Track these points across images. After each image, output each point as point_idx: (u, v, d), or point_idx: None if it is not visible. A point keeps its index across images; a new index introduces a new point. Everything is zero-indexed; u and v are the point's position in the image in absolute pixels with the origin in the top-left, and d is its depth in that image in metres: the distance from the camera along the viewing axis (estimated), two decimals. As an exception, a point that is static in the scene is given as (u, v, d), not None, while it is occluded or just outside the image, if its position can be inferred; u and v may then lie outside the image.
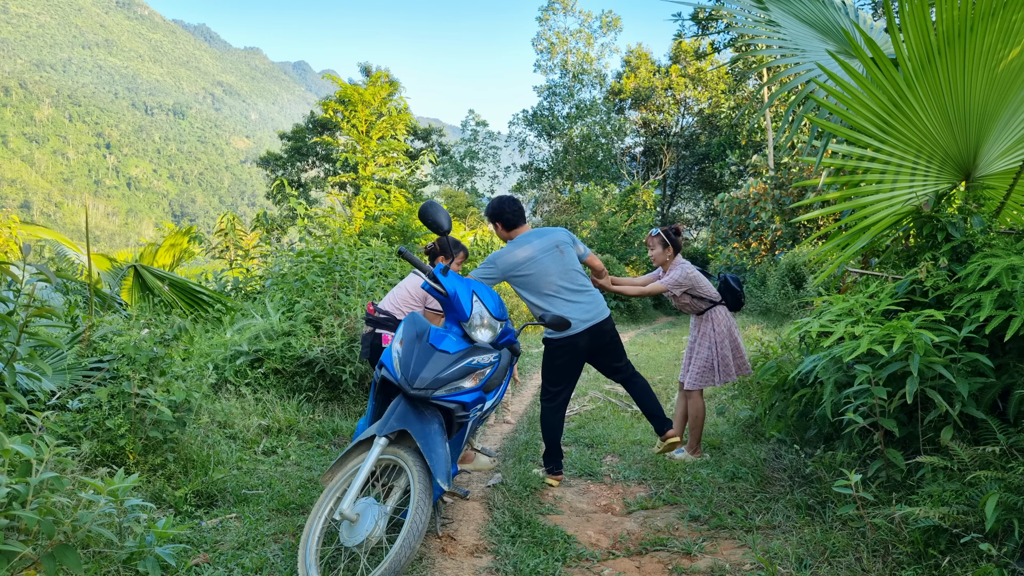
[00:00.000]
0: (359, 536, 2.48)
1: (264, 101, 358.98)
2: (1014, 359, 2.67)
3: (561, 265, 3.82)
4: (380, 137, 16.93)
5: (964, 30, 2.88)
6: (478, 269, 3.83)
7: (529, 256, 3.81)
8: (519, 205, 3.98)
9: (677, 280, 4.29)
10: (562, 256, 3.85)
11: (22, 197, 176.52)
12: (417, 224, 12.25)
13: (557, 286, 3.80)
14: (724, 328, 4.32)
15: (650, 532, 3.19)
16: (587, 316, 3.80)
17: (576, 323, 3.76)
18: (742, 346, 4.38)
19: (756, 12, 4.17)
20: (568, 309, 3.77)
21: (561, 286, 3.81)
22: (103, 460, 3.17)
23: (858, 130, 3.22)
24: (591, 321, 3.80)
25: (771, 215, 17.39)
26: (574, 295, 3.82)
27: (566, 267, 3.84)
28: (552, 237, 3.90)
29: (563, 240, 3.92)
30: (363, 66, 29.96)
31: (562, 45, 34.07)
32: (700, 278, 4.36)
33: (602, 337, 3.86)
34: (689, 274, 4.31)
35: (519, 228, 3.96)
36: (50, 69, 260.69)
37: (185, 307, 5.74)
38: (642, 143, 33.84)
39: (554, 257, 3.83)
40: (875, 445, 2.75)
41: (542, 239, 3.87)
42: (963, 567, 2.22)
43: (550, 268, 3.80)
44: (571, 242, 3.96)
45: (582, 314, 3.79)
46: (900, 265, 3.40)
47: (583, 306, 3.81)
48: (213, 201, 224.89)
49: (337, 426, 4.79)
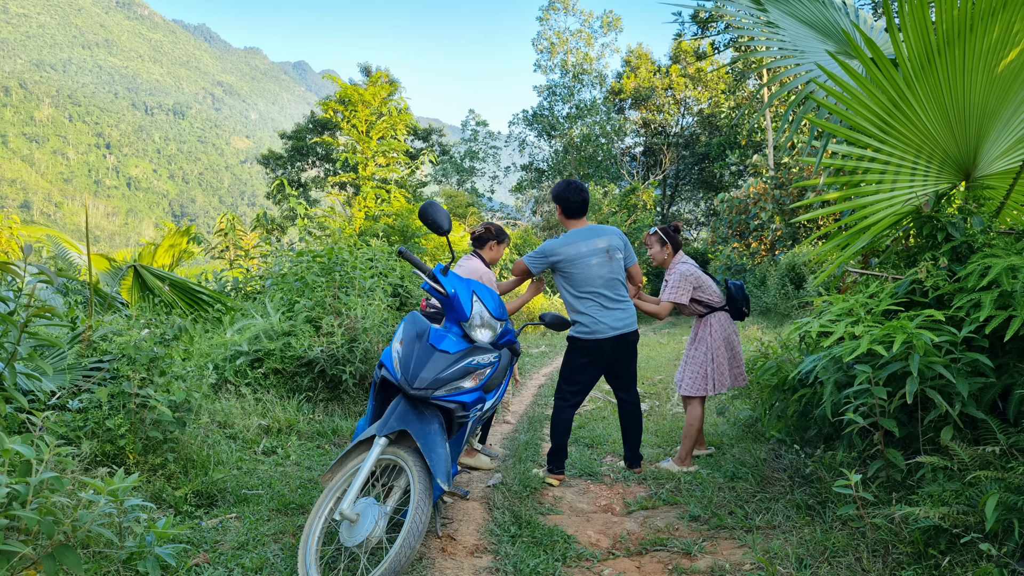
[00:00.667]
0: (359, 536, 2.48)
1: (264, 101, 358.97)
2: (1014, 359, 2.67)
3: (607, 271, 3.85)
4: (380, 137, 16.93)
5: (964, 30, 2.88)
6: (529, 255, 3.95)
7: (578, 255, 3.84)
8: (584, 196, 3.94)
9: (676, 286, 4.16)
10: (610, 263, 3.87)
11: (22, 197, 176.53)
12: (417, 224, 12.25)
13: (596, 291, 3.85)
14: (721, 335, 4.20)
15: (650, 532, 3.19)
16: (618, 325, 3.85)
17: (606, 329, 3.82)
18: (740, 355, 4.28)
19: (755, 13, 4.17)
20: (601, 314, 3.83)
21: (600, 292, 3.85)
22: (103, 460, 3.17)
23: (858, 130, 3.22)
24: (620, 330, 3.85)
25: (771, 215, 17.39)
26: (610, 303, 3.86)
27: (611, 275, 3.86)
28: (606, 240, 3.89)
29: (616, 245, 3.92)
30: (363, 66, 29.96)
31: (562, 45, 34.07)
32: (703, 278, 4.25)
33: (625, 348, 3.91)
34: (688, 274, 4.18)
35: (578, 220, 3.96)
36: (50, 69, 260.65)
37: (185, 307, 5.74)
38: (642, 143, 33.84)
39: (602, 262, 3.85)
40: (875, 445, 2.75)
41: (596, 239, 3.88)
42: (963, 567, 2.22)
43: (595, 272, 3.84)
44: (622, 247, 3.96)
45: (614, 321, 3.84)
46: (900, 265, 3.40)
47: (616, 314, 3.86)
48: (213, 201, 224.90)
49: (337, 426, 4.79)
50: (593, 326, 3.85)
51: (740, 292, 4.33)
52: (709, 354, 4.20)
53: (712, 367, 4.19)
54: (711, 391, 4.18)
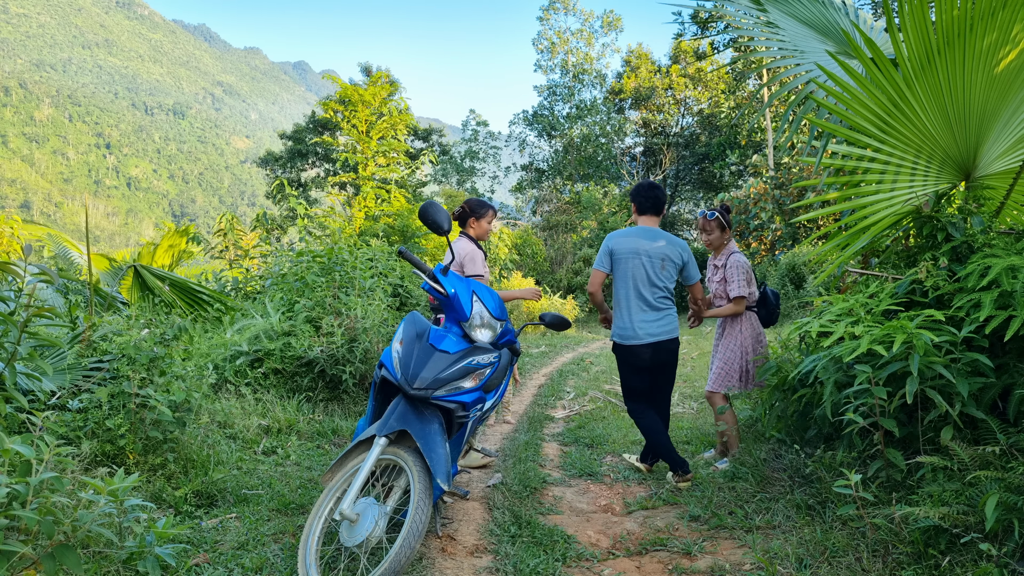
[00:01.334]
0: (359, 536, 2.48)
1: (264, 101, 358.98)
2: (1014, 359, 2.67)
3: (652, 277, 3.80)
4: (380, 137, 16.92)
5: (964, 30, 2.88)
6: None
7: (629, 251, 3.80)
8: (655, 194, 3.90)
9: (743, 279, 4.08)
10: (660, 271, 3.81)
11: (22, 197, 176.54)
12: (417, 224, 12.24)
13: (634, 294, 3.80)
14: (752, 333, 4.16)
15: (650, 532, 3.19)
16: (654, 331, 3.80)
17: (642, 335, 3.78)
18: None
19: (755, 13, 4.17)
20: (634, 318, 3.80)
21: (639, 295, 3.80)
22: (103, 460, 3.17)
23: (858, 130, 3.22)
24: (657, 337, 3.80)
25: (771, 215, 17.39)
26: (647, 309, 3.81)
27: (655, 282, 3.81)
28: (663, 250, 3.83)
29: (672, 257, 3.84)
30: (363, 66, 29.97)
31: (563, 45, 34.06)
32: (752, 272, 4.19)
33: (663, 355, 3.86)
34: (747, 266, 4.13)
35: (646, 217, 3.93)
36: (50, 69, 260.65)
37: (185, 307, 5.74)
38: (642, 143, 33.82)
39: (652, 267, 3.79)
40: (875, 445, 2.75)
41: (653, 244, 3.82)
42: (963, 567, 2.22)
43: (638, 275, 3.79)
44: (680, 264, 3.88)
45: (649, 327, 3.80)
46: (900, 265, 3.40)
47: (652, 323, 3.80)
48: (213, 201, 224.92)
49: (337, 426, 4.79)
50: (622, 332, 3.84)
51: (776, 299, 4.30)
52: (738, 351, 4.15)
53: (742, 364, 4.15)
54: (738, 388, 4.15)
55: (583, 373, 8.38)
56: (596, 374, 8.30)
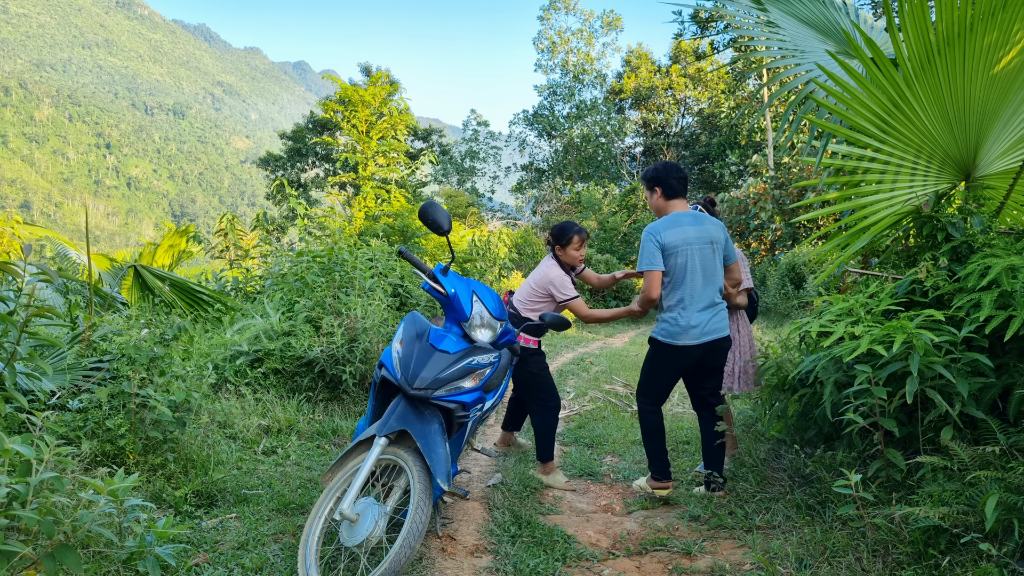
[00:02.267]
0: (359, 536, 2.48)
1: (264, 101, 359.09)
2: (1014, 359, 2.67)
3: (711, 268, 3.44)
4: (380, 137, 16.92)
5: (964, 30, 2.88)
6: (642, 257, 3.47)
7: (681, 241, 3.40)
8: (683, 175, 3.55)
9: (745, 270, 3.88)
10: (714, 258, 3.45)
11: (22, 197, 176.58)
12: (417, 224, 12.24)
13: (694, 289, 3.41)
14: (747, 332, 4.02)
15: (650, 532, 3.19)
16: (710, 329, 3.43)
17: (697, 334, 3.40)
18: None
19: (755, 13, 4.17)
20: (693, 317, 3.40)
21: (699, 291, 3.41)
22: (103, 460, 3.17)
23: (858, 130, 3.22)
24: (713, 335, 3.44)
25: (771, 215, 17.39)
26: (706, 306, 3.43)
27: (713, 272, 3.45)
28: (708, 230, 3.45)
29: (718, 238, 3.47)
30: (363, 66, 29.99)
31: (563, 44, 34.08)
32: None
33: (716, 357, 3.54)
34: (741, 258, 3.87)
35: (678, 201, 3.55)
36: (50, 69, 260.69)
37: (185, 307, 5.74)
38: (642, 143, 33.84)
39: (707, 256, 3.42)
40: (875, 445, 2.75)
41: (699, 228, 3.44)
42: (963, 567, 2.22)
43: (697, 267, 3.41)
44: (724, 242, 3.52)
45: (706, 325, 3.41)
46: (900, 265, 3.40)
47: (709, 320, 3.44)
48: (213, 201, 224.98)
49: (337, 426, 4.79)
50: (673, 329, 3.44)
51: (756, 297, 4.20)
52: (736, 351, 4.01)
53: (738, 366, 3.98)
54: (737, 388, 4.02)
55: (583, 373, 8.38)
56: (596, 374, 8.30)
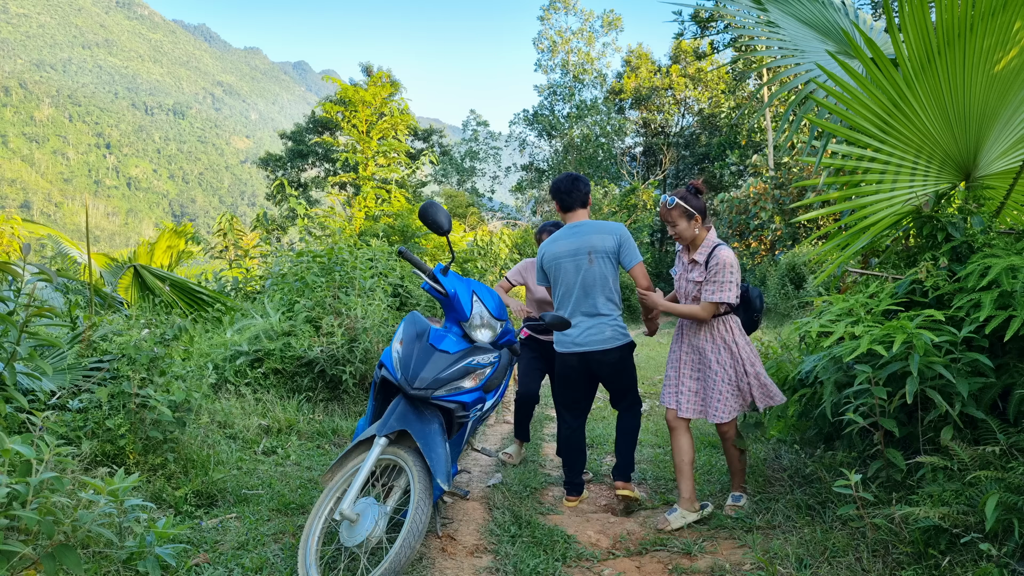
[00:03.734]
0: (359, 536, 2.48)
1: (264, 101, 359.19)
2: (1014, 359, 2.67)
3: (589, 279, 3.39)
4: (380, 137, 16.93)
5: (964, 30, 2.88)
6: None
7: (552, 257, 3.46)
8: (577, 186, 3.49)
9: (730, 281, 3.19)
10: (592, 267, 3.37)
11: (22, 197, 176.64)
12: (417, 224, 12.24)
13: (570, 300, 3.44)
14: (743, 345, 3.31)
15: (650, 532, 3.19)
16: (585, 340, 3.41)
17: (569, 344, 3.44)
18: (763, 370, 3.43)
19: (755, 13, 4.17)
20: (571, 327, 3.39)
21: (576, 302, 3.42)
22: (103, 460, 3.17)
23: (858, 130, 3.22)
24: (589, 346, 3.41)
25: (771, 215, 17.40)
26: (584, 316, 3.41)
27: (592, 282, 3.39)
28: (587, 240, 3.40)
29: (600, 246, 3.38)
30: (364, 65, 29.98)
31: (564, 44, 34.08)
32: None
33: (600, 368, 3.46)
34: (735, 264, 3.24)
35: (573, 213, 3.53)
36: (50, 69, 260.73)
37: (185, 307, 5.74)
38: (642, 143, 33.85)
39: (582, 266, 3.39)
40: (875, 445, 2.75)
41: (575, 240, 3.43)
42: (963, 567, 2.22)
43: (571, 279, 3.43)
44: (616, 248, 3.40)
45: (580, 336, 3.42)
46: (900, 265, 3.40)
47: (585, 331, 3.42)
48: (213, 201, 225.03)
49: (337, 426, 4.79)
50: (558, 335, 3.50)
51: (760, 300, 3.51)
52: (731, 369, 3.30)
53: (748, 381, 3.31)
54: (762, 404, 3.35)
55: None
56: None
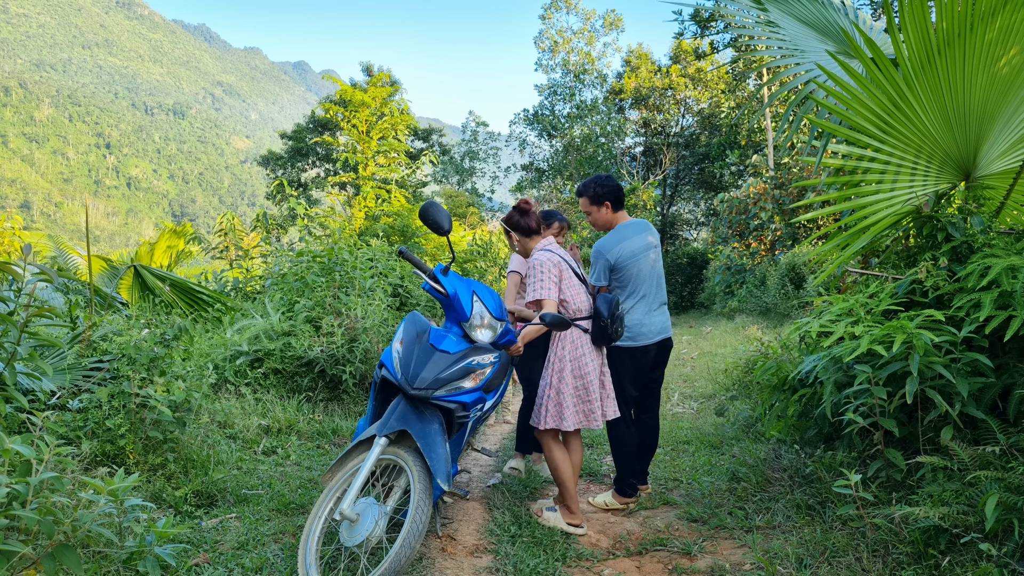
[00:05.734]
0: (359, 536, 2.48)
1: (264, 101, 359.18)
2: (1014, 359, 2.67)
3: (657, 271, 3.64)
4: (380, 137, 16.92)
5: (964, 30, 2.88)
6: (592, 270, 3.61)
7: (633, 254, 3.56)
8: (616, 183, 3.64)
9: (533, 280, 3.21)
10: (657, 261, 3.65)
11: (22, 197, 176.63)
12: (417, 224, 12.23)
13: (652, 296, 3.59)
14: (574, 352, 3.25)
15: (650, 532, 3.19)
16: (663, 327, 3.62)
17: (652, 334, 3.56)
18: (594, 389, 3.26)
19: (755, 13, 4.17)
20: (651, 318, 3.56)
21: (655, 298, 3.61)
22: (103, 460, 3.17)
23: (858, 130, 3.22)
24: (665, 334, 3.64)
25: (771, 215, 17.39)
26: (660, 306, 3.64)
27: (660, 275, 3.66)
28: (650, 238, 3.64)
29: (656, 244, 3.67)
30: (364, 65, 29.96)
31: (565, 44, 34.07)
32: (568, 273, 3.29)
33: (664, 353, 3.70)
34: (543, 263, 3.23)
35: (623, 212, 3.70)
36: (50, 69, 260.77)
37: (185, 307, 5.74)
38: (642, 143, 33.84)
39: (652, 261, 3.62)
40: (875, 445, 2.75)
41: (642, 237, 3.62)
42: (963, 567, 2.22)
43: (645, 274, 3.59)
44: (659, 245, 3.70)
45: (660, 324, 3.61)
46: (900, 265, 3.40)
47: (661, 318, 3.63)
48: (213, 201, 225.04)
49: (337, 426, 4.79)
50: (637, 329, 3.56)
51: (607, 308, 3.24)
52: (551, 377, 3.26)
53: (550, 392, 3.24)
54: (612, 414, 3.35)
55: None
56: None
